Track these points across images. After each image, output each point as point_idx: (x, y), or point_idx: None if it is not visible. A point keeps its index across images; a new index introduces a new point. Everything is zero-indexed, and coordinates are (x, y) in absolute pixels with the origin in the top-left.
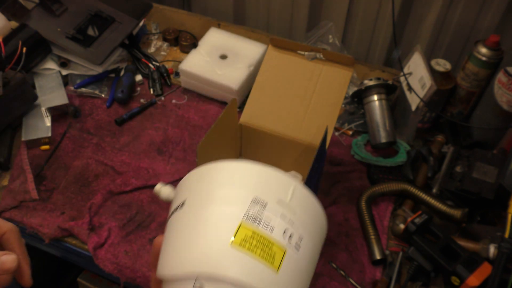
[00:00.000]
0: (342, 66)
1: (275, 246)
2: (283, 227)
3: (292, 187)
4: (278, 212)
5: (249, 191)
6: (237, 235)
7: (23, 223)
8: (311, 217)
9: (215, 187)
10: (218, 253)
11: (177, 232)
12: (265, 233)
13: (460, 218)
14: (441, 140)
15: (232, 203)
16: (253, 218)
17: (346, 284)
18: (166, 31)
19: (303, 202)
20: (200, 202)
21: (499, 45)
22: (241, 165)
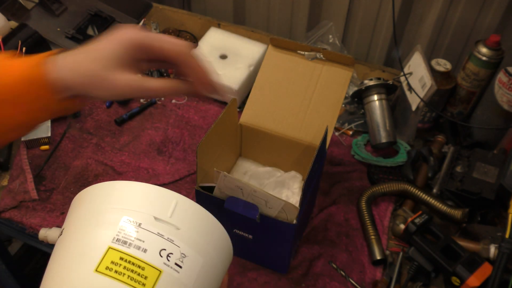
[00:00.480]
0: (342, 66)
1: (148, 268)
2: (159, 246)
3: (174, 202)
4: (154, 231)
5: (120, 212)
6: (103, 261)
7: (22, 223)
8: (201, 232)
9: (89, 211)
10: (82, 281)
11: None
12: (136, 255)
13: (460, 218)
14: (442, 140)
15: (102, 227)
16: (123, 241)
17: (346, 284)
18: (166, 31)
19: (189, 216)
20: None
21: (499, 45)
22: (117, 184)
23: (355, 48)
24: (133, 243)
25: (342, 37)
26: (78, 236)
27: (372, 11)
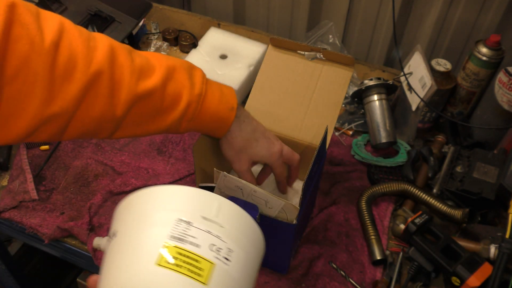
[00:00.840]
0: (342, 66)
1: (202, 261)
2: (209, 241)
3: (217, 203)
4: (203, 229)
5: (172, 212)
6: (162, 256)
7: (22, 223)
8: (240, 230)
9: (141, 213)
10: (144, 274)
11: (109, 260)
12: (191, 250)
13: (460, 219)
14: (442, 140)
15: (156, 226)
16: (178, 238)
17: (346, 285)
18: (166, 31)
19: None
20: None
21: (499, 45)
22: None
23: (355, 48)
24: (187, 239)
25: (342, 37)
26: (134, 235)
27: (372, 11)
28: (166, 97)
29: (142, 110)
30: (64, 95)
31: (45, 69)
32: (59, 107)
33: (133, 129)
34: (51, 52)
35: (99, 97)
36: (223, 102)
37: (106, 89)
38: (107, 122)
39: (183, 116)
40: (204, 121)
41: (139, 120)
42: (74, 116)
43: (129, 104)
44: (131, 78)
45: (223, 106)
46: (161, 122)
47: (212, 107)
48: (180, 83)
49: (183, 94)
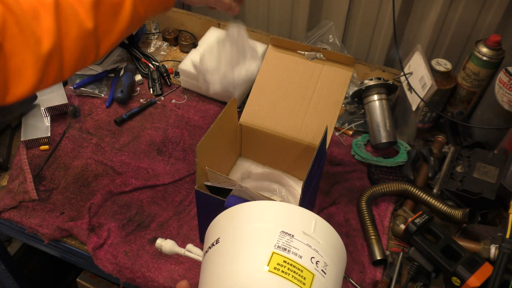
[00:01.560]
0: (342, 65)
1: (305, 271)
2: (310, 254)
3: (314, 220)
4: (304, 242)
5: (277, 225)
6: (271, 262)
7: (22, 224)
8: (332, 246)
9: (246, 223)
10: (255, 279)
11: (215, 265)
12: (295, 259)
13: (460, 219)
14: (442, 140)
15: (262, 236)
16: (283, 248)
17: (346, 285)
18: (165, 30)
19: (324, 233)
20: (233, 236)
21: (500, 45)
22: (266, 203)
23: (355, 48)
24: (291, 250)
25: (342, 37)
26: (240, 244)
27: (372, 11)
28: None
29: (103, 13)
30: (45, 31)
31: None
32: (48, 42)
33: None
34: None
35: (68, 20)
36: None
37: (69, 10)
38: (86, 38)
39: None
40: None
41: (107, 23)
42: (62, 47)
43: (91, 14)
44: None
45: None
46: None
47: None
48: None
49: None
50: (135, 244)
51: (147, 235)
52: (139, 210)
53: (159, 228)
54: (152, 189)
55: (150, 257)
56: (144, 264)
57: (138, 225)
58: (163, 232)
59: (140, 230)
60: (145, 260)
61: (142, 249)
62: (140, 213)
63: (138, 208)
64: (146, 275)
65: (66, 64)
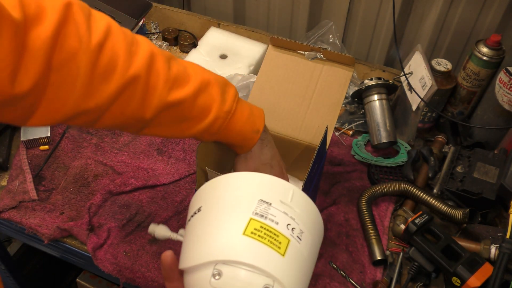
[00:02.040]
0: (342, 65)
1: (280, 236)
2: (286, 221)
3: (291, 191)
4: (281, 210)
5: (255, 193)
6: (248, 227)
7: (22, 224)
8: (309, 216)
9: (226, 192)
10: (232, 242)
11: (196, 230)
12: (271, 225)
13: (461, 219)
14: (442, 140)
15: (241, 204)
16: (260, 215)
17: (346, 285)
18: (165, 30)
19: (302, 203)
20: (214, 205)
21: (500, 45)
22: (247, 174)
23: (356, 48)
24: (268, 216)
25: (342, 37)
26: (221, 210)
27: (373, 11)
28: (195, 108)
29: (170, 116)
30: (101, 93)
31: (87, 67)
32: (95, 103)
33: (159, 130)
34: (95, 51)
35: (132, 100)
36: (249, 123)
37: (140, 93)
38: (136, 121)
39: (208, 129)
40: (227, 137)
41: (166, 124)
42: (106, 112)
43: (158, 110)
44: (164, 86)
45: (249, 127)
46: (186, 129)
47: (238, 126)
48: (211, 96)
49: (212, 108)
50: (135, 244)
51: (147, 235)
52: (139, 210)
53: None
54: (152, 189)
55: (150, 257)
56: (144, 264)
57: (138, 225)
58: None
59: (140, 230)
60: (145, 260)
61: (142, 249)
62: (140, 213)
63: (138, 208)
64: (146, 275)
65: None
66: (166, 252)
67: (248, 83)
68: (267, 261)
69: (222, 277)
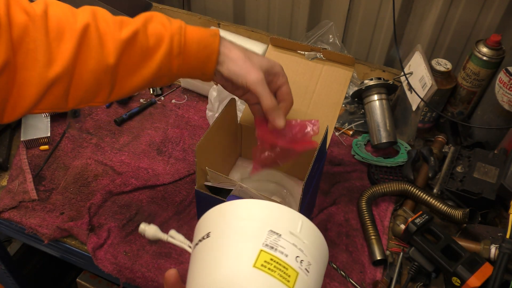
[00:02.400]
0: (342, 65)
1: (290, 269)
2: (295, 254)
3: (300, 221)
4: (290, 242)
5: (265, 223)
6: (258, 259)
7: (22, 224)
8: (316, 247)
9: (236, 220)
10: (242, 274)
11: (204, 257)
12: (281, 258)
13: (461, 219)
14: (442, 140)
15: (251, 233)
16: (270, 246)
17: (346, 285)
18: None
19: (310, 234)
20: (224, 232)
21: (500, 45)
22: (257, 202)
23: (355, 48)
24: (278, 248)
25: (342, 37)
26: (230, 240)
27: (373, 11)
28: (149, 37)
29: (130, 54)
30: (62, 55)
31: (42, 35)
32: (60, 66)
33: (129, 80)
34: (43, 18)
35: (90, 50)
36: (205, 31)
37: (95, 41)
38: (103, 73)
39: (170, 51)
40: (191, 52)
41: (131, 65)
42: (73, 75)
43: (118, 51)
44: (114, 28)
45: (206, 33)
46: (151, 62)
47: (195, 36)
48: (159, 23)
49: (164, 31)
50: (135, 244)
51: None
52: (139, 210)
53: None
54: (152, 189)
55: (150, 257)
56: (144, 264)
57: (138, 225)
58: (163, 232)
59: None
60: (145, 260)
61: (142, 249)
62: (140, 213)
63: (138, 208)
64: (146, 275)
65: (73, 93)
66: (170, 271)
67: None
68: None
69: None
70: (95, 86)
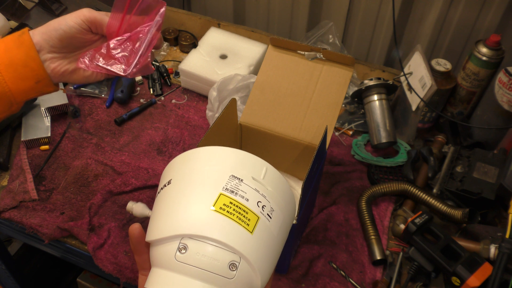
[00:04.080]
0: (342, 66)
1: (250, 213)
2: (256, 199)
3: (264, 168)
4: (252, 187)
5: (227, 168)
6: (217, 202)
7: (22, 224)
8: (281, 194)
9: (198, 166)
10: (200, 217)
11: (165, 203)
12: (241, 202)
13: (460, 219)
14: (442, 140)
15: (212, 178)
16: (230, 190)
17: (346, 285)
18: (166, 30)
19: (275, 181)
20: (185, 178)
21: (499, 45)
22: (219, 148)
23: (355, 48)
24: (238, 192)
25: (342, 37)
26: (192, 184)
27: (372, 11)
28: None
29: None
30: None
31: None
32: None
33: None
34: None
35: None
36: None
37: None
38: None
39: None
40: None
41: None
42: None
43: None
44: None
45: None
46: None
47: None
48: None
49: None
50: None
51: None
52: None
53: None
54: (152, 189)
55: None
56: None
57: None
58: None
59: None
60: None
61: None
62: None
63: None
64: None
65: None
66: (134, 225)
67: (248, 83)
68: (234, 238)
69: (188, 252)
70: None
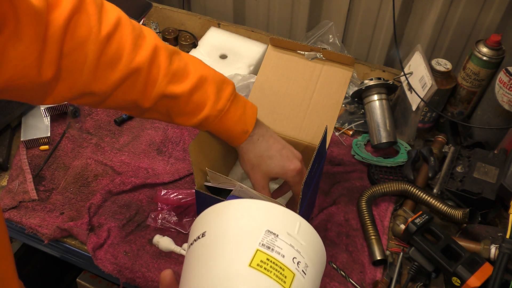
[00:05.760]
0: (342, 65)
1: (286, 270)
2: (292, 255)
3: (298, 222)
4: (287, 242)
5: (262, 223)
6: (254, 259)
7: (22, 224)
8: (314, 249)
9: (232, 220)
10: (237, 274)
11: (199, 257)
12: (277, 258)
13: (461, 219)
14: (442, 140)
15: (248, 233)
16: (267, 246)
17: (346, 285)
18: (165, 30)
19: (308, 235)
20: (220, 232)
21: (500, 45)
22: (254, 202)
23: (355, 48)
24: (274, 248)
25: (342, 37)
26: (226, 239)
27: (373, 11)
28: (190, 104)
29: (167, 106)
30: (105, 80)
31: (94, 56)
32: (99, 88)
33: (157, 115)
34: (103, 42)
35: (133, 89)
36: (240, 123)
37: (141, 84)
38: (136, 107)
39: (200, 124)
40: (218, 132)
41: (163, 112)
42: (109, 97)
43: (156, 99)
44: (163, 79)
45: (239, 127)
46: (179, 119)
47: (228, 125)
48: (206, 94)
49: (206, 106)
50: (135, 244)
51: (147, 235)
52: (139, 210)
53: (159, 228)
54: (152, 188)
55: (150, 257)
56: (144, 264)
57: (138, 225)
58: (163, 232)
59: (140, 230)
60: (145, 260)
61: (142, 249)
62: (140, 213)
63: (138, 208)
64: (146, 275)
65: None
66: (166, 271)
67: (248, 83)
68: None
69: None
70: (127, 109)
